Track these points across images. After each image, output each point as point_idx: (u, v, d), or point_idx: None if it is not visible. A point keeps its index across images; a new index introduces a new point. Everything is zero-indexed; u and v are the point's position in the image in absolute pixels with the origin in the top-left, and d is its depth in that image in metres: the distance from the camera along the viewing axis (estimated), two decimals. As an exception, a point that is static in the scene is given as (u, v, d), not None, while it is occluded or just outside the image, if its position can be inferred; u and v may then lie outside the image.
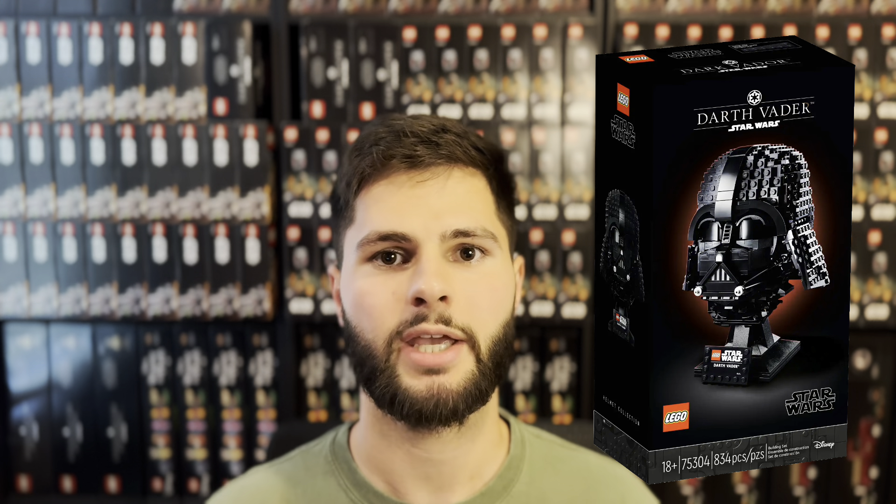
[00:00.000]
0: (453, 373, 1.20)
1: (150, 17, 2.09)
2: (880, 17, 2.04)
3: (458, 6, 2.07)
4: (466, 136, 1.26)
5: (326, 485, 1.32)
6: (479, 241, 1.22)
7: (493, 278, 1.23)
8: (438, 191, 1.22)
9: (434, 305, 1.18)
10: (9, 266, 2.11)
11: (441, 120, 1.28)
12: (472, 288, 1.21)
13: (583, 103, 2.05)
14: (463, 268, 1.22)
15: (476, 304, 1.21)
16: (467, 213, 1.22)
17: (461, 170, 1.24)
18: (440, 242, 1.21)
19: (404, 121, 1.26)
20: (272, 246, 2.10)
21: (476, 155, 1.25)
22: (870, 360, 2.13)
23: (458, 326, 1.20)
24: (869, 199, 2.04)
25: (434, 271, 1.18)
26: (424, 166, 1.22)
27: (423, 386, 1.20)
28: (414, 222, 1.21)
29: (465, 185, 1.24)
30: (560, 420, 2.13)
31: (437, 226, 1.21)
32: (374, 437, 1.30)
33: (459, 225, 1.21)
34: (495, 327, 1.23)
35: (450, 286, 1.19)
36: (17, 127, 2.09)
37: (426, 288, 1.17)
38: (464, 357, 1.20)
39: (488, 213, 1.26)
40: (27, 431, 2.20)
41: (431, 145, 1.23)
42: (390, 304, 1.21)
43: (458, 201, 1.23)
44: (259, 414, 2.17)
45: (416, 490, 1.29)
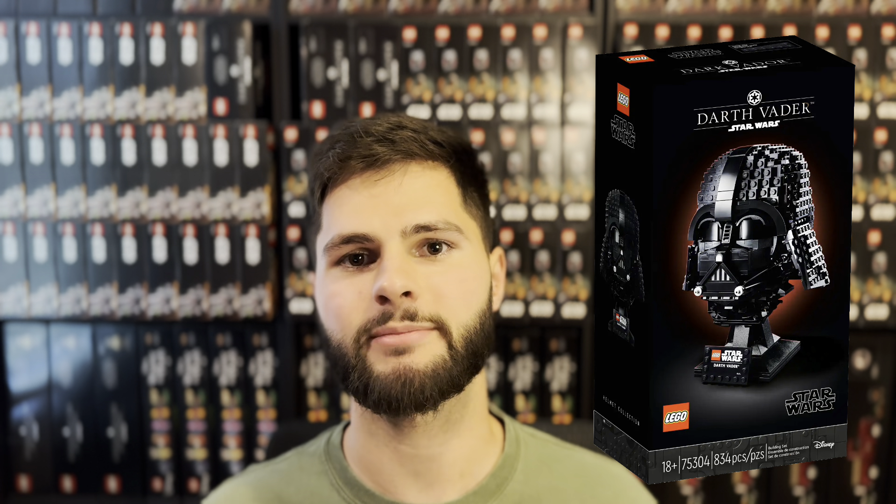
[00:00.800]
0: (420, 353, 1.20)
1: (150, 17, 2.09)
2: (880, 17, 2.04)
3: (458, 6, 2.07)
4: (425, 130, 1.26)
5: (319, 484, 1.32)
6: (442, 234, 1.22)
7: (460, 269, 1.23)
8: (396, 187, 1.22)
9: (397, 302, 1.19)
10: (9, 266, 2.11)
11: (399, 118, 1.28)
12: (438, 280, 1.21)
13: (583, 103, 2.05)
14: (429, 262, 1.23)
15: (443, 294, 1.21)
16: (427, 206, 1.23)
17: (419, 164, 1.25)
18: (402, 239, 1.21)
19: (360, 122, 1.27)
20: (272, 246, 2.10)
21: (434, 148, 1.26)
22: (870, 360, 2.13)
23: (426, 318, 1.20)
24: (869, 199, 2.04)
25: (395, 268, 1.19)
26: (380, 164, 1.23)
27: (389, 368, 1.20)
28: (374, 222, 1.21)
29: (423, 179, 1.24)
30: (560, 420, 2.13)
31: (397, 223, 1.21)
32: (363, 437, 1.30)
33: (420, 220, 1.21)
34: (468, 316, 1.23)
35: (413, 281, 1.19)
36: (17, 127, 2.09)
37: (387, 285, 1.18)
38: (432, 340, 1.21)
39: (452, 205, 1.26)
40: (27, 431, 2.20)
41: (386, 143, 1.23)
42: (357, 303, 1.22)
43: (417, 196, 1.23)
44: (259, 414, 2.17)
45: (407, 489, 1.29)
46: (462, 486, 1.30)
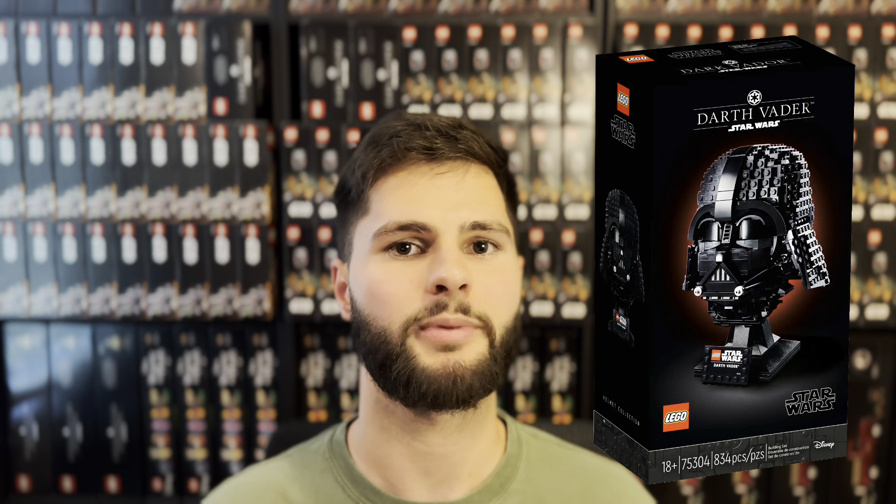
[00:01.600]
0: (467, 350, 1.22)
1: (150, 17, 2.09)
2: (880, 17, 2.04)
3: (458, 6, 2.07)
4: (480, 134, 1.30)
5: (324, 481, 1.32)
6: (493, 234, 1.25)
7: (505, 272, 1.26)
8: (457, 184, 1.25)
9: (454, 293, 1.20)
10: (9, 266, 2.11)
11: (456, 118, 1.31)
12: (487, 278, 1.24)
13: (583, 103, 2.05)
14: (477, 260, 1.25)
15: (492, 293, 1.24)
16: (484, 207, 1.25)
17: (477, 166, 1.28)
18: (458, 234, 1.23)
19: (422, 115, 1.30)
20: (272, 246, 2.10)
21: (490, 153, 1.29)
22: (870, 360, 2.13)
23: (476, 315, 1.22)
24: (869, 199, 2.04)
25: (455, 260, 1.21)
26: (444, 159, 1.25)
27: (439, 363, 1.21)
28: (433, 213, 1.23)
29: (481, 181, 1.28)
30: (560, 420, 2.13)
31: (455, 217, 1.23)
32: (374, 432, 1.30)
33: (477, 217, 1.24)
34: (508, 317, 1.26)
35: (470, 275, 1.21)
36: (17, 127, 2.09)
37: (448, 276, 1.19)
38: (477, 338, 1.23)
39: (501, 209, 1.29)
40: (27, 431, 2.20)
41: (450, 139, 1.26)
42: (408, 291, 1.22)
43: (475, 195, 1.26)
44: (259, 414, 2.17)
45: (415, 485, 1.29)
46: (468, 484, 1.31)
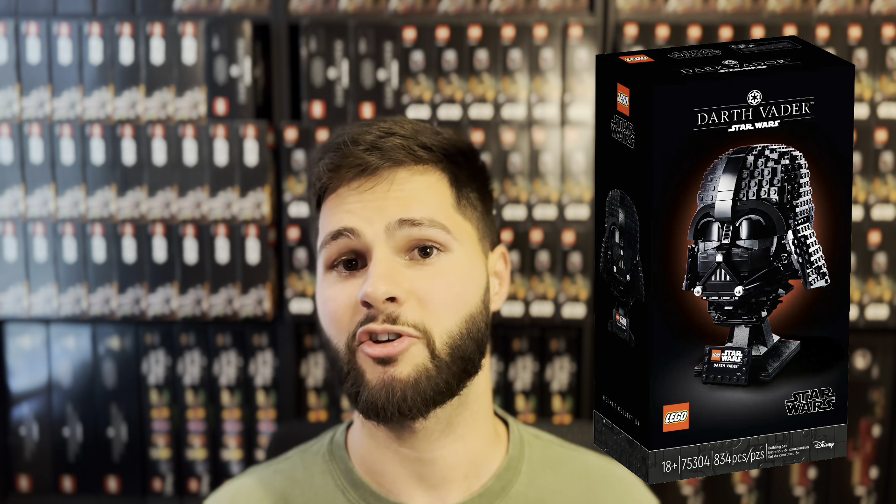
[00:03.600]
0: (403, 363, 1.20)
1: (150, 17, 2.09)
2: (880, 17, 2.04)
3: (458, 6, 2.07)
4: (415, 135, 1.27)
5: (324, 484, 1.32)
6: (427, 231, 1.23)
7: (448, 274, 1.23)
8: (384, 192, 1.24)
9: (381, 307, 1.19)
10: (9, 266, 2.11)
11: (391, 124, 1.28)
12: (424, 285, 1.22)
13: (583, 103, 2.05)
14: (417, 266, 1.23)
15: (429, 301, 1.21)
16: (413, 205, 1.23)
17: (407, 170, 1.26)
18: (388, 238, 1.22)
19: (350, 132, 1.27)
20: (272, 246, 2.10)
21: (424, 153, 1.26)
22: (870, 360, 2.13)
23: (408, 324, 1.20)
24: (869, 199, 2.04)
25: (380, 273, 1.20)
26: (370, 173, 1.24)
27: (376, 377, 1.21)
28: (361, 221, 1.23)
29: (412, 183, 1.25)
30: (560, 420, 2.13)
31: (381, 219, 1.22)
32: (365, 439, 1.31)
33: (403, 214, 1.22)
34: (453, 323, 1.23)
35: (398, 287, 1.20)
36: (17, 127, 2.09)
37: (371, 290, 1.19)
38: (415, 350, 1.21)
39: (443, 206, 1.26)
40: (27, 431, 2.20)
41: (375, 151, 1.24)
42: (348, 309, 1.23)
43: (404, 198, 1.24)
44: (259, 414, 2.17)
45: (411, 490, 1.29)
46: (466, 487, 1.30)
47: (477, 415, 1.30)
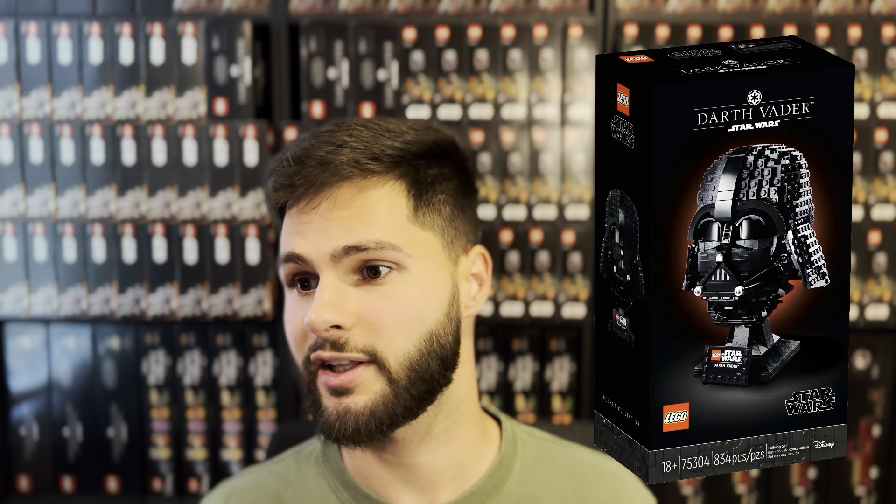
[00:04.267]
0: (358, 393, 1.18)
1: (150, 17, 2.09)
2: (880, 17, 2.04)
3: (458, 6, 2.07)
4: (370, 145, 1.20)
5: (317, 486, 1.32)
6: (376, 254, 1.18)
7: (400, 293, 1.18)
8: (327, 212, 1.19)
9: (325, 336, 1.16)
10: (9, 266, 2.11)
11: (348, 132, 1.22)
12: (373, 308, 1.17)
13: (583, 103, 2.05)
14: (367, 288, 1.18)
15: (380, 324, 1.17)
16: (359, 228, 1.18)
17: (352, 185, 1.19)
18: (333, 263, 1.18)
19: (302, 145, 1.22)
20: (272, 246, 2.10)
21: (374, 165, 1.20)
22: (870, 360, 2.13)
23: (357, 349, 1.17)
24: (869, 199, 2.04)
25: (325, 301, 1.16)
26: (315, 189, 1.19)
27: (332, 406, 1.19)
28: (306, 245, 1.19)
29: (358, 201, 1.19)
30: (560, 420, 2.13)
31: (326, 245, 1.18)
32: None
33: (349, 241, 1.17)
34: (408, 344, 1.18)
35: (341, 313, 1.16)
36: (17, 127, 2.09)
37: (312, 318, 1.15)
38: (370, 377, 1.18)
39: (395, 221, 1.20)
40: (27, 431, 2.20)
41: (319, 167, 1.19)
42: (302, 331, 1.21)
43: (349, 219, 1.18)
44: (259, 414, 2.17)
45: (401, 493, 1.29)
46: (457, 487, 1.30)
47: (459, 420, 1.28)
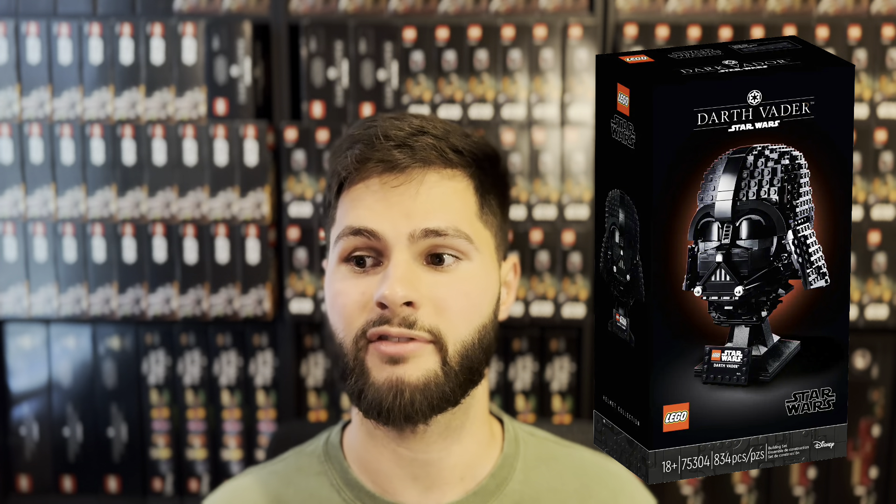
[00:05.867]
0: (413, 366, 1.20)
1: (150, 17, 2.09)
2: (880, 17, 2.04)
3: (458, 6, 2.07)
4: (446, 137, 1.25)
5: (319, 484, 1.32)
6: (450, 241, 1.22)
7: (466, 283, 1.22)
8: (412, 195, 1.22)
9: (397, 310, 1.18)
10: (9, 266, 2.11)
11: (422, 121, 1.27)
12: (442, 292, 1.21)
13: (583, 103, 2.05)
14: (435, 272, 1.22)
15: (446, 308, 1.21)
16: (440, 214, 1.22)
17: (437, 172, 1.24)
18: (409, 244, 1.21)
19: (382, 123, 1.26)
20: (272, 246, 2.10)
21: (454, 157, 1.25)
22: (870, 360, 2.13)
23: (424, 329, 1.20)
24: (869, 199, 2.04)
25: (399, 276, 1.19)
26: (399, 170, 1.22)
27: (384, 377, 1.20)
28: (384, 223, 1.21)
29: (440, 188, 1.23)
30: (560, 420, 2.13)
31: (406, 225, 1.21)
32: (363, 437, 1.31)
33: (430, 224, 1.21)
34: (467, 332, 1.22)
35: (416, 291, 1.19)
36: (17, 127, 2.09)
37: (389, 293, 1.18)
38: (427, 354, 1.20)
39: (466, 214, 1.25)
40: (27, 431, 2.20)
41: (406, 149, 1.23)
42: (359, 304, 1.22)
43: (431, 204, 1.22)
44: (259, 414, 2.17)
45: (406, 490, 1.29)
46: (462, 487, 1.30)
47: (475, 418, 1.30)
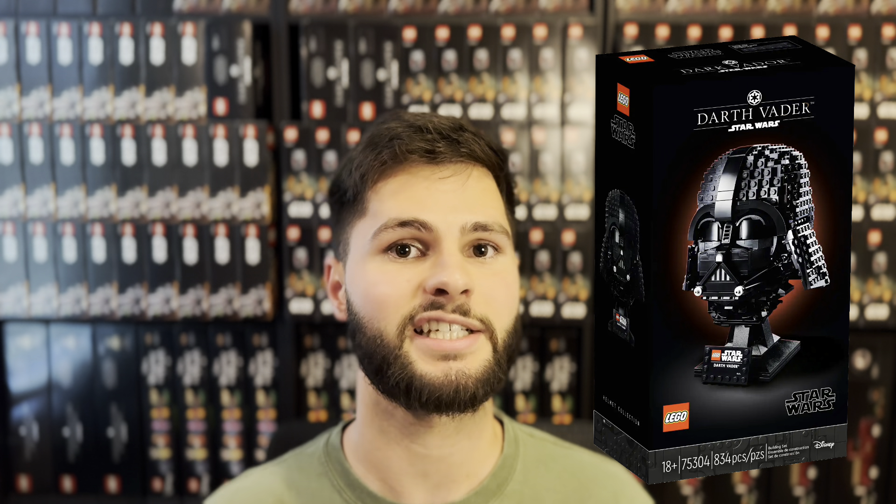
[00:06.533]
0: (471, 359, 1.22)
1: (150, 17, 2.09)
2: (880, 17, 2.04)
3: (458, 6, 2.07)
4: (481, 136, 1.30)
5: (320, 486, 1.32)
6: (494, 236, 1.25)
7: (506, 274, 1.26)
8: (459, 187, 1.25)
9: (455, 298, 1.20)
10: (9, 266, 2.11)
11: (455, 118, 1.31)
12: (489, 282, 1.24)
13: (583, 103, 2.05)
14: (479, 263, 1.25)
15: (493, 297, 1.24)
16: (485, 209, 1.25)
17: (479, 169, 1.28)
18: (459, 236, 1.23)
19: (422, 116, 1.29)
20: (272, 246, 2.10)
21: (491, 155, 1.29)
22: (870, 360, 2.13)
23: (477, 317, 1.22)
24: (869, 199, 2.04)
25: (457, 264, 1.21)
26: (446, 162, 1.25)
27: (440, 372, 1.20)
28: (434, 214, 1.23)
29: (482, 184, 1.27)
30: (560, 420, 2.13)
31: (456, 219, 1.23)
32: (373, 434, 1.30)
33: (479, 219, 1.24)
34: (510, 320, 1.26)
35: (471, 279, 1.21)
36: (17, 127, 2.09)
37: (450, 280, 1.19)
38: (482, 345, 1.23)
39: (501, 211, 1.29)
40: (27, 431, 2.20)
41: (452, 142, 1.26)
42: (405, 292, 1.22)
43: (476, 198, 1.26)
44: (259, 414, 2.17)
45: (413, 488, 1.29)
46: (465, 486, 1.31)
47: (483, 414, 1.31)
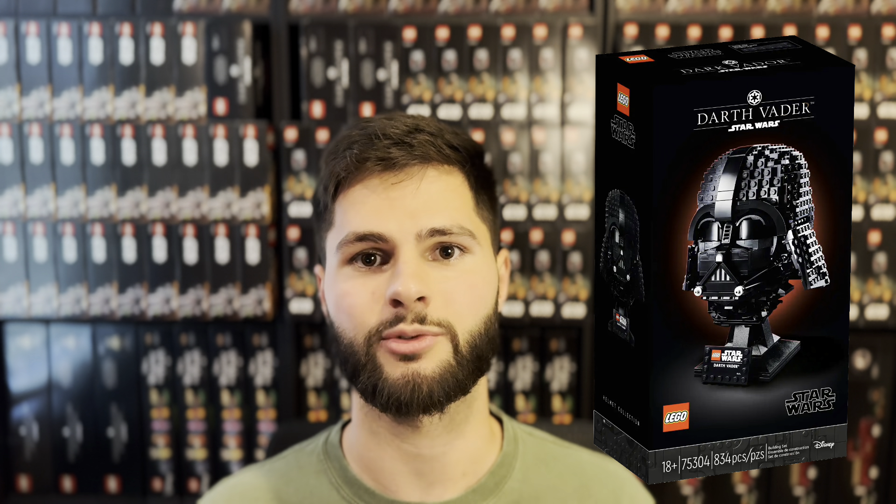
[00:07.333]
0: (428, 359, 1.22)
1: (150, 17, 2.09)
2: (880, 17, 2.04)
3: (458, 6, 2.07)
4: (441, 134, 1.27)
5: (318, 483, 1.33)
6: (455, 238, 1.24)
7: (471, 275, 1.25)
8: (413, 191, 1.24)
9: (411, 306, 1.20)
10: (9, 266, 2.11)
11: (415, 119, 1.29)
12: (449, 286, 1.23)
13: (583, 103, 2.05)
14: (442, 266, 1.24)
15: (454, 300, 1.23)
16: (443, 211, 1.24)
17: (435, 168, 1.26)
18: (417, 242, 1.22)
19: (377, 123, 1.27)
20: (272, 246, 2.10)
21: (451, 153, 1.27)
22: (870, 360, 2.13)
23: (434, 322, 1.22)
24: (869, 199, 2.04)
25: (411, 273, 1.20)
26: (399, 168, 1.24)
27: (399, 373, 1.22)
28: (390, 224, 1.23)
29: (440, 184, 1.25)
30: (560, 420, 2.13)
31: (412, 226, 1.22)
32: (365, 435, 1.31)
33: (435, 223, 1.23)
34: (474, 322, 1.25)
35: (426, 286, 1.21)
36: (17, 127, 2.09)
37: (402, 290, 1.19)
38: (440, 346, 1.23)
39: (466, 210, 1.27)
40: (27, 431, 2.20)
41: (404, 146, 1.24)
42: (369, 304, 1.23)
43: (433, 200, 1.24)
44: (259, 414, 2.17)
45: (408, 487, 1.30)
46: (462, 484, 1.31)
47: (478, 413, 1.31)
